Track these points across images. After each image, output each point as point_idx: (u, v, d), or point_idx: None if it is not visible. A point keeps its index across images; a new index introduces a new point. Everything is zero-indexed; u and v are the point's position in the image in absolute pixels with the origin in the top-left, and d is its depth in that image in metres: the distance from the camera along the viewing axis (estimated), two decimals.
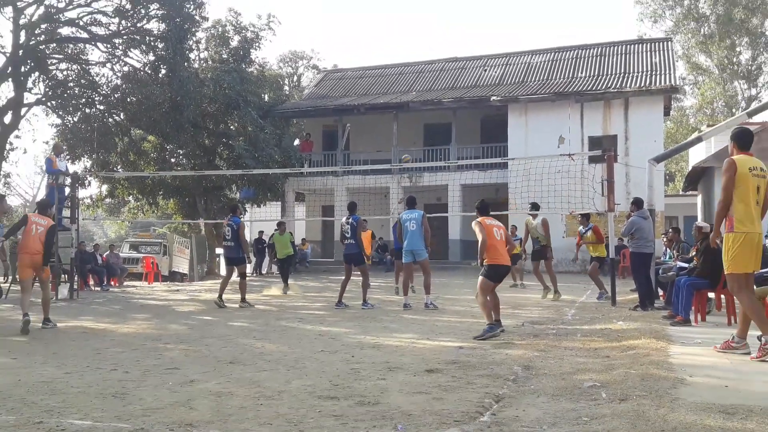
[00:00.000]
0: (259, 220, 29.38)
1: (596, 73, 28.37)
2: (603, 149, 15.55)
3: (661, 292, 12.01)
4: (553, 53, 30.98)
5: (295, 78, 51.57)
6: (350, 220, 12.33)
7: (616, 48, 29.87)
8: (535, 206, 14.34)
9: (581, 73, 28.71)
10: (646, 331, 8.22)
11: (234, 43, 28.95)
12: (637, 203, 11.88)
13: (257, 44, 29.15)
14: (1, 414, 4.72)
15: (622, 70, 27.96)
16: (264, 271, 25.68)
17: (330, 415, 4.55)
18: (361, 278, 12.57)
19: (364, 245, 14.24)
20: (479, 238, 8.33)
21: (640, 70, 27.57)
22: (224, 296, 13.09)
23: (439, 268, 20.08)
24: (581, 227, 14.53)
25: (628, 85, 25.95)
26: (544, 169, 17.49)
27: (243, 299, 12.87)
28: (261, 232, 26.17)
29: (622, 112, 25.45)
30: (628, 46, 30.06)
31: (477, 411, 4.59)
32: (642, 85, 25.74)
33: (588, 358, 6.58)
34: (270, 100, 31.64)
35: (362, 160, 28.25)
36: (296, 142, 31.55)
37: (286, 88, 45.70)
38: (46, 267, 9.94)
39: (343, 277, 12.66)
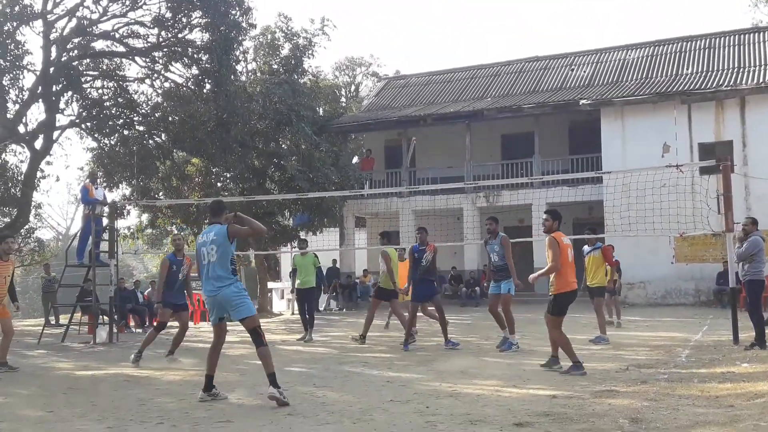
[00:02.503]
0: (318, 250, 29.66)
1: (705, 68, 27.71)
2: (717, 158, 15.12)
3: None
4: (652, 47, 30.44)
5: (353, 88, 52.19)
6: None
7: (727, 39, 29.10)
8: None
9: (687, 69, 28.09)
10: None
11: (285, 52, 29.53)
12: (755, 222, 11.73)
13: (310, 52, 29.64)
14: None
15: (736, 65, 27.21)
16: (321, 308, 25.69)
17: None
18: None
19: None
20: (550, 260, 9.03)
21: (757, 63, 26.78)
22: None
23: (524, 301, 19.85)
24: (586, 246, 13.97)
25: (743, 82, 25.21)
26: (646, 183, 17.18)
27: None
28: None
29: (738, 114, 24.73)
30: (742, 36, 29.24)
31: None
32: (760, 81, 24.96)
33: (708, 408, 6.38)
34: (325, 113, 32.11)
35: (431, 178, 28.26)
36: (355, 159, 31.87)
37: (343, 99, 46.26)
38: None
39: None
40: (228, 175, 28.71)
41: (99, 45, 24.19)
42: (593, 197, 24.95)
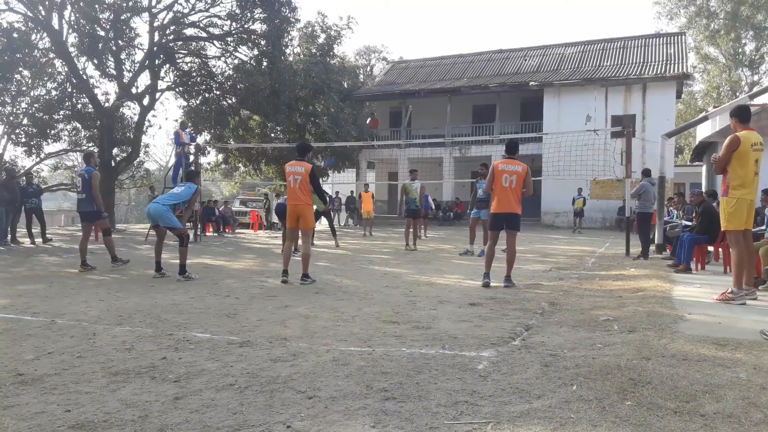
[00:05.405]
0: (339, 183, 29.72)
1: (619, 62, 27.06)
2: (623, 126, 14.90)
3: (668, 246, 11.64)
4: (582, 45, 29.67)
5: (368, 68, 51.01)
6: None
7: (636, 41, 28.39)
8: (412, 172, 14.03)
9: (606, 62, 27.44)
10: (654, 277, 7.98)
11: (320, 40, 28.84)
12: (646, 172, 11.68)
13: (339, 41, 28.98)
14: (143, 327, 5.00)
15: (642, 60, 26.58)
16: (343, 224, 25.80)
17: (392, 336, 4.63)
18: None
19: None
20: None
21: (657, 59, 26.18)
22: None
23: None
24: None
25: (646, 73, 24.70)
26: (573, 142, 16.97)
27: (114, 258, 9.57)
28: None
29: (641, 95, 24.32)
30: (647, 39, 28.50)
31: (510, 336, 4.58)
32: (658, 72, 24.45)
33: (604, 298, 6.43)
34: (348, 86, 31.54)
35: (421, 135, 27.97)
36: (368, 120, 31.49)
37: (361, 76, 45.29)
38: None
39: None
40: (279, 129, 28.45)
41: (188, 31, 23.83)
42: (536, 152, 24.73)
